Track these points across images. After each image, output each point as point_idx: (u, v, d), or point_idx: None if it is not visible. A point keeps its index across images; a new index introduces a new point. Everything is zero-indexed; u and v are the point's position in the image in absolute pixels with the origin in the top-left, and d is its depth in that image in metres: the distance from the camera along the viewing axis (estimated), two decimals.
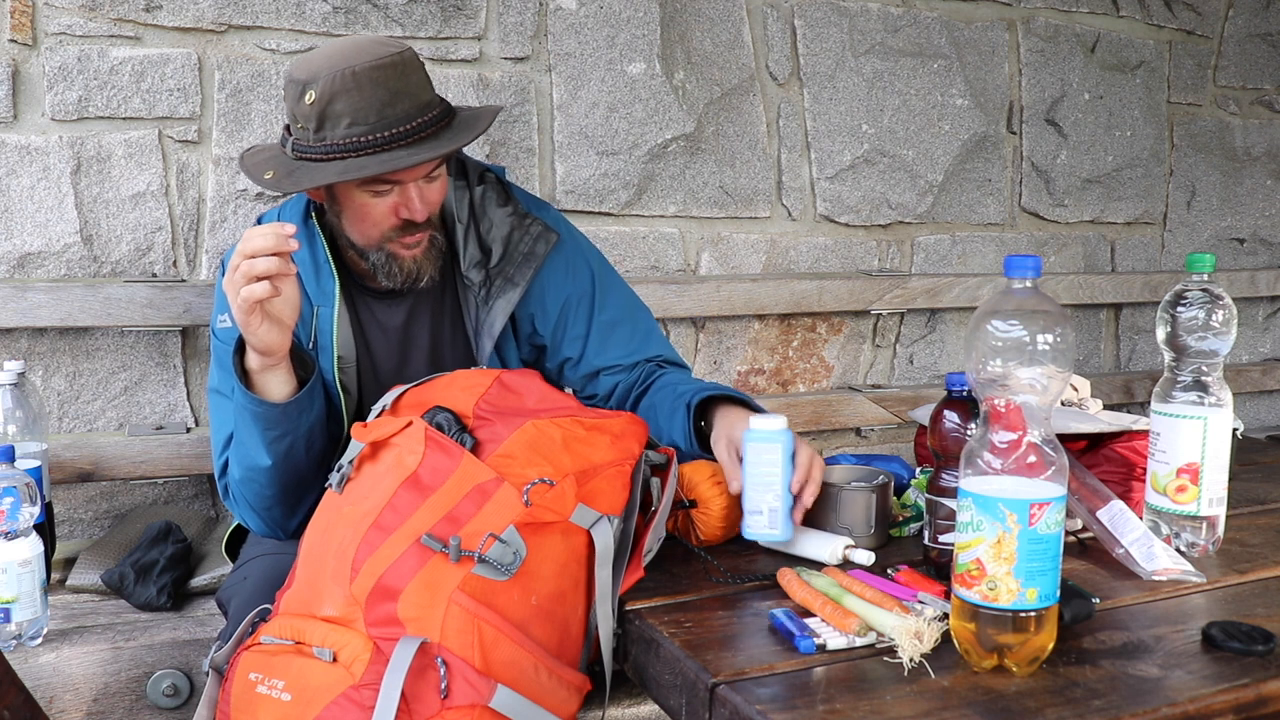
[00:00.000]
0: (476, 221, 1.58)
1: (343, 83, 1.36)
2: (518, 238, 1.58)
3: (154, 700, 1.58)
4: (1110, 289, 2.81)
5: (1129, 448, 1.58)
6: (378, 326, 1.59)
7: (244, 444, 1.43)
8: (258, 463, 1.41)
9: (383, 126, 1.38)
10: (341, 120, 1.37)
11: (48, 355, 1.96)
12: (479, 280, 1.57)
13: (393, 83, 1.38)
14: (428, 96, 1.43)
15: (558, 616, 1.19)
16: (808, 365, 2.57)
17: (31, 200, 1.92)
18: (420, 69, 1.44)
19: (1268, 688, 1.02)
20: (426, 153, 1.39)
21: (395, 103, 1.38)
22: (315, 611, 1.14)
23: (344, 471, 1.22)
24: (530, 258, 1.57)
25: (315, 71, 1.38)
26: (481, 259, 1.57)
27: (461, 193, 1.58)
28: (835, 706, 0.98)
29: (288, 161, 1.45)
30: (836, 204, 2.55)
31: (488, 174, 1.62)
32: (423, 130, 1.41)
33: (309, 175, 1.40)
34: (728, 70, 2.40)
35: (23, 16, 1.88)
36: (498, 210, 1.58)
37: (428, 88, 1.44)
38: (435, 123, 1.43)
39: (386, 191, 1.44)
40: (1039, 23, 2.73)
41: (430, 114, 1.42)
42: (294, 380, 1.41)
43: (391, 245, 1.49)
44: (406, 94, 1.39)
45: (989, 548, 1.02)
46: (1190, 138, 2.99)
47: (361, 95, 1.37)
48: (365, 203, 1.45)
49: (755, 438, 1.35)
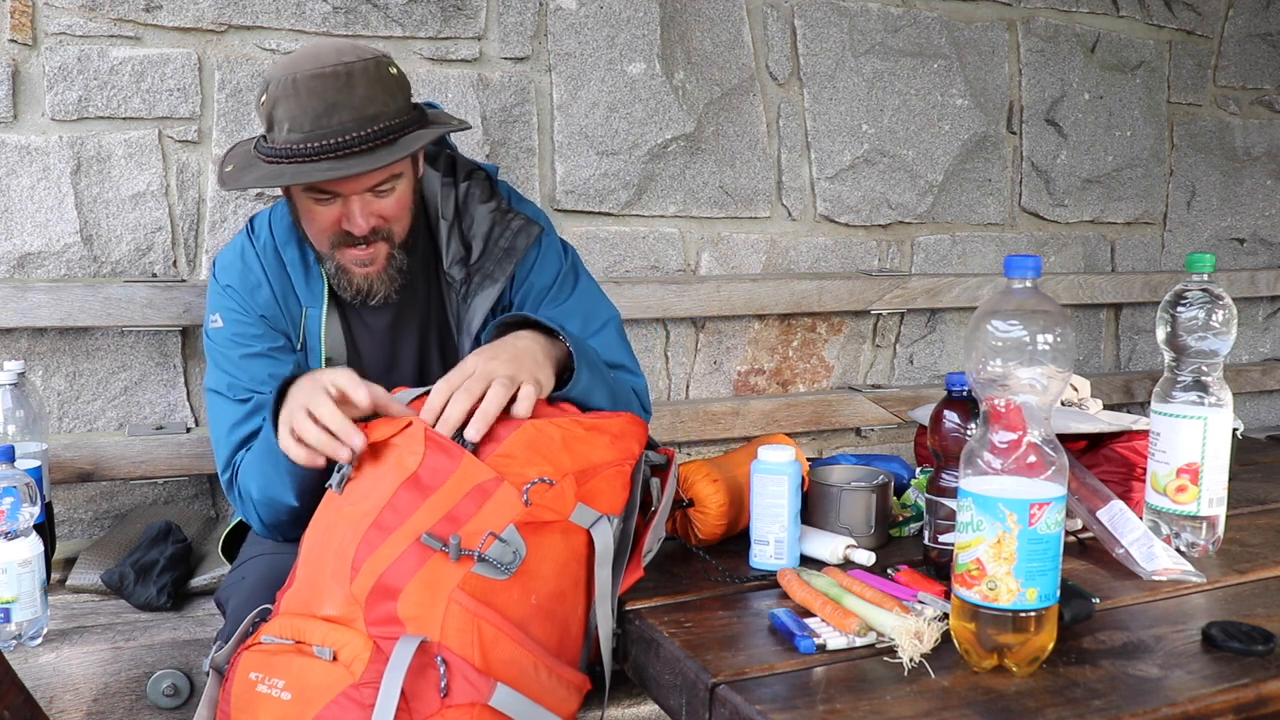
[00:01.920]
0: (460, 218, 1.58)
1: (285, 89, 1.37)
2: (498, 233, 1.57)
3: (154, 700, 1.58)
4: (1110, 289, 2.81)
5: (1129, 448, 1.58)
6: (365, 328, 1.59)
7: (270, 482, 1.39)
8: (282, 500, 1.39)
9: (315, 137, 1.36)
10: (282, 125, 1.38)
11: (48, 355, 1.96)
12: (460, 277, 1.56)
13: (330, 94, 1.36)
14: (373, 110, 1.38)
15: (558, 616, 1.19)
16: (808, 365, 2.57)
17: (31, 200, 1.92)
18: (374, 82, 1.39)
19: (1268, 688, 1.02)
20: (347, 169, 1.36)
21: (331, 114, 1.36)
22: (315, 611, 1.14)
23: (344, 472, 1.22)
24: (510, 253, 1.57)
25: (274, 73, 1.40)
26: (463, 255, 1.57)
27: (448, 190, 1.58)
28: (835, 706, 0.98)
29: (248, 157, 1.46)
30: (836, 204, 2.55)
31: (476, 171, 1.62)
32: (354, 145, 1.37)
33: (251, 175, 1.42)
34: (728, 70, 2.40)
35: (23, 16, 1.88)
36: (480, 206, 1.58)
37: (376, 101, 1.39)
38: (374, 138, 1.38)
39: (329, 200, 1.43)
40: (1039, 23, 2.73)
41: (370, 128, 1.38)
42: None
43: (341, 257, 1.48)
44: (346, 106, 1.37)
45: (989, 548, 1.02)
46: (1190, 138, 2.99)
47: (299, 103, 1.37)
48: (310, 209, 1.45)
49: (762, 469, 1.36)
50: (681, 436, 2.34)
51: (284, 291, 1.55)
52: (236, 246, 1.59)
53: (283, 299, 1.55)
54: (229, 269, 1.57)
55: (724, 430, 2.38)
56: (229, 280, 1.56)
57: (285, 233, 1.56)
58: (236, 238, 1.61)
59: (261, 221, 1.60)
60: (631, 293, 2.22)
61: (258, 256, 1.56)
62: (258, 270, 1.55)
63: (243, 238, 1.59)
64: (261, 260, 1.56)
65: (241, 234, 1.60)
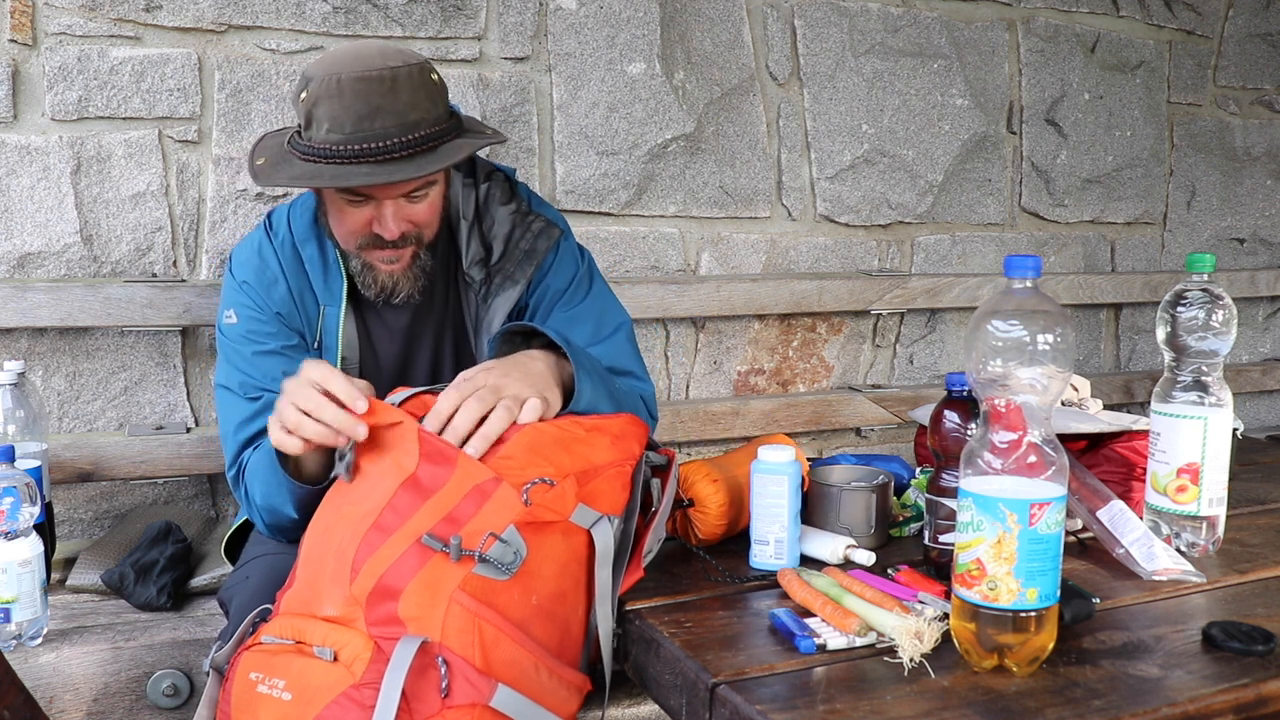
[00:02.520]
0: (480, 219, 1.58)
1: (328, 88, 1.37)
2: (518, 235, 1.57)
3: (154, 700, 1.58)
4: (1110, 289, 2.81)
5: (1129, 448, 1.58)
6: (383, 327, 1.59)
7: (272, 491, 1.39)
8: (283, 511, 1.39)
9: (357, 139, 1.36)
10: (322, 124, 1.38)
11: (48, 355, 1.96)
12: (480, 278, 1.56)
13: (375, 98, 1.36)
14: (415, 116, 1.39)
15: (558, 616, 1.19)
16: (808, 365, 2.57)
17: (31, 200, 1.92)
18: (419, 88, 1.40)
19: (1268, 688, 1.02)
20: (386, 175, 1.37)
21: (374, 117, 1.36)
22: (315, 611, 1.14)
23: (348, 459, 1.20)
24: (531, 255, 1.57)
25: (315, 70, 1.40)
26: (483, 256, 1.57)
27: (469, 190, 1.58)
28: (835, 706, 0.98)
29: (282, 152, 1.45)
30: (836, 204, 2.55)
31: (495, 173, 1.62)
32: (396, 150, 1.37)
33: (286, 172, 1.42)
34: (728, 70, 2.40)
35: (23, 16, 1.88)
36: (501, 208, 1.58)
37: (419, 108, 1.39)
38: (415, 145, 1.38)
39: (362, 202, 1.43)
40: (1039, 23, 2.73)
41: (412, 135, 1.38)
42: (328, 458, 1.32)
43: (368, 256, 1.48)
44: (389, 111, 1.37)
45: (989, 548, 1.02)
46: (1190, 138, 2.99)
47: (342, 104, 1.36)
48: (342, 209, 1.45)
49: (762, 469, 1.36)
50: (681, 436, 2.34)
51: (301, 289, 1.55)
52: (254, 242, 1.57)
53: (299, 297, 1.55)
54: (245, 265, 1.56)
55: (724, 430, 2.38)
56: (245, 276, 1.55)
57: (305, 230, 1.55)
58: (254, 233, 1.60)
59: (280, 217, 1.58)
60: (631, 293, 2.22)
61: (275, 253, 1.55)
62: (275, 267, 1.54)
63: (260, 233, 1.58)
64: (279, 257, 1.55)
65: (259, 229, 1.59)
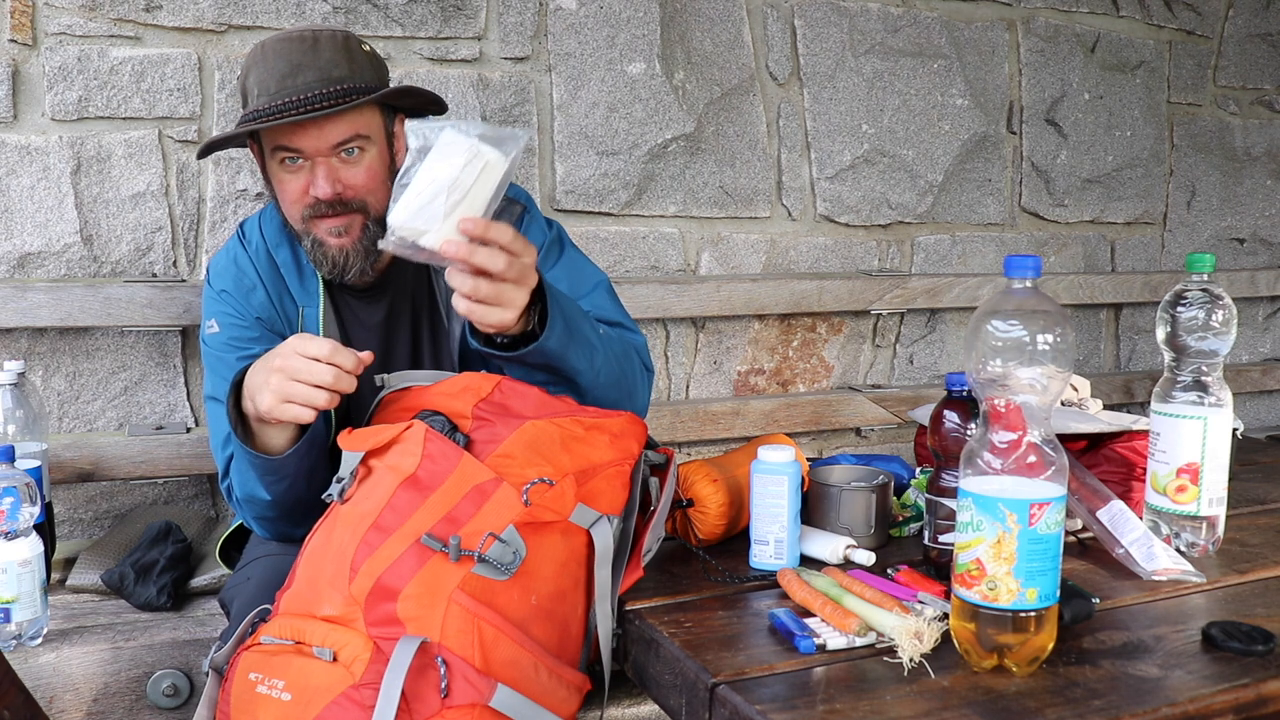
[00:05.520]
0: None
1: (255, 56, 1.44)
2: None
3: (154, 700, 1.57)
4: (1110, 289, 2.81)
5: (1129, 448, 1.58)
6: (360, 324, 1.60)
7: (243, 475, 1.39)
8: (257, 495, 1.40)
9: (281, 95, 1.40)
10: (253, 92, 1.43)
11: (48, 355, 1.96)
12: None
13: (296, 56, 1.41)
14: (338, 73, 1.41)
15: (558, 616, 1.19)
16: (808, 365, 2.57)
17: (31, 200, 1.92)
18: (341, 49, 1.43)
19: (1268, 688, 1.02)
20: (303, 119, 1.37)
21: (296, 74, 1.40)
22: (315, 612, 1.14)
23: (344, 484, 1.21)
24: None
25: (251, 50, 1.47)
26: None
27: None
28: (835, 706, 0.98)
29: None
30: (836, 204, 2.55)
31: None
32: (317, 101, 1.39)
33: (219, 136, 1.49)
34: (728, 70, 2.40)
35: (23, 16, 1.88)
36: None
37: (341, 65, 1.42)
38: (337, 96, 1.40)
39: (296, 167, 1.45)
40: (1039, 23, 2.73)
41: (334, 88, 1.41)
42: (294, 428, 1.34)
43: (315, 229, 1.48)
44: (311, 67, 1.41)
45: (989, 548, 1.02)
46: (1190, 138, 2.99)
47: (266, 67, 1.42)
48: (281, 179, 1.47)
49: (762, 469, 1.36)
50: (681, 436, 2.34)
51: (279, 292, 1.56)
52: (229, 252, 1.60)
53: (278, 300, 1.56)
54: (223, 274, 1.57)
55: (724, 430, 2.38)
56: (224, 285, 1.56)
57: (276, 235, 1.57)
58: (228, 243, 1.62)
59: (252, 226, 1.61)
60: (631, 293, 2.22)
61: (251, 260, 1.57)
62: (252, 273, 1.56)
63: (234, 242, 1.60)
64: (255, 263, 1.56)
65: (233, 239, 1.61)
